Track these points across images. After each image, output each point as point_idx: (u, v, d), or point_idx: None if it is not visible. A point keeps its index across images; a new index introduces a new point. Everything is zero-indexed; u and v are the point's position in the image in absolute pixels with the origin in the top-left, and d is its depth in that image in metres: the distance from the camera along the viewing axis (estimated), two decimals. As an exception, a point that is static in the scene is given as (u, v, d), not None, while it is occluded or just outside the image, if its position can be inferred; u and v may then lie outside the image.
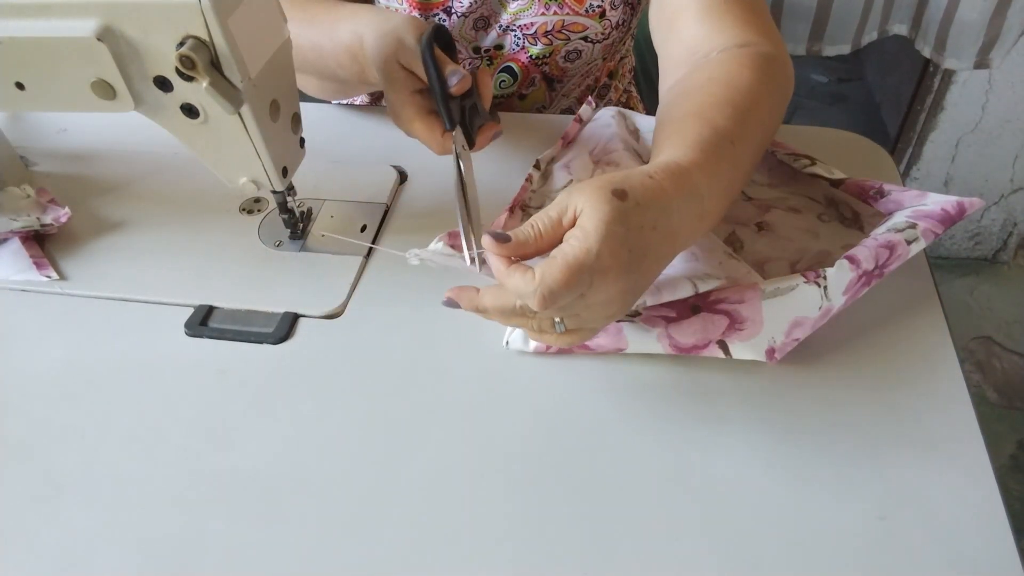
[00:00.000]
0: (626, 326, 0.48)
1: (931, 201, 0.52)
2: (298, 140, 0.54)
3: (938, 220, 0.50)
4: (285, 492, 0.43)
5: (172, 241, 0.60)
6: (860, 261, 0.47)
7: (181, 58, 0.43)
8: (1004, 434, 1.31)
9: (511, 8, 0.70)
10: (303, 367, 0.50)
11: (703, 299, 0.48)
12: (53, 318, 0.55)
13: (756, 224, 0.57)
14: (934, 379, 0.46)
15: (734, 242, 0.55)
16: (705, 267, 0.49)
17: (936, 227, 0.50)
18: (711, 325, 0.47)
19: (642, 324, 0.48)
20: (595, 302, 0.39)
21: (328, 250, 0.58)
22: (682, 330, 0.47)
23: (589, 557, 0.39)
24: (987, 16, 1.11)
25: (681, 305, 0.48)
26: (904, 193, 0.53)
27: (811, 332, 0.47)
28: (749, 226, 0.57)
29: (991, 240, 1.57)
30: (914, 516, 0.40)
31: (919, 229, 0.49)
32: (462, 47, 0.73)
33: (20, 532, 0.42)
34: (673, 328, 0.47)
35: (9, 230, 0.59)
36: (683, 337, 0.47)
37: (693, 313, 0.48)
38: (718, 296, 0.47)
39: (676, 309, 0.48)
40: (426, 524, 0.41)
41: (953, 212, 0.50)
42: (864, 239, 0.50)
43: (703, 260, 0.50)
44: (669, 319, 0.48)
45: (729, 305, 0.47)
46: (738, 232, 0.56)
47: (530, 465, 0.44)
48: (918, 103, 1.42)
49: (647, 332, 0.48)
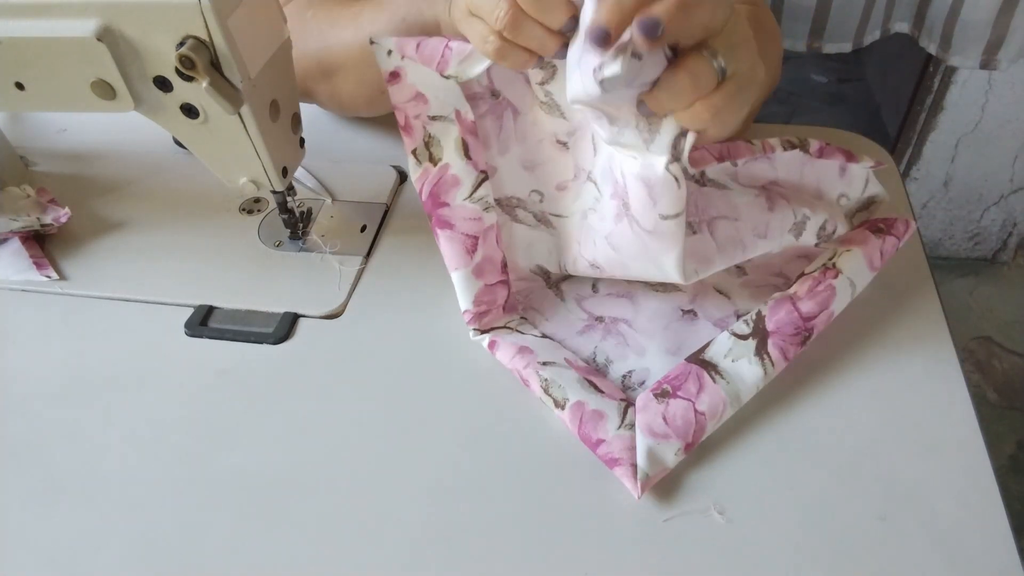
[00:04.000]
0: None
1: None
2: (298, 140, 0.54)
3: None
4: (285, 492, 0.43)
5: (172, 241, 0.60)
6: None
7: (181, 58, 0.43)
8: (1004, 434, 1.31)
9: None
10: (303, 367, 0.50)
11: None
12: (53, 318, 0.55)
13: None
14: (934, 379, 0.46)
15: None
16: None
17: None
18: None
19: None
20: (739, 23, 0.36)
21: (328, 250, 0.58)
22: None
23: (591, 557, 0.39)
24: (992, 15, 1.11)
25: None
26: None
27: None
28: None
29: (991, 240, 1.57)
30: (914, 516, 0.40)
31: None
32: None
33: (20, 532, 0.42)
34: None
35: (9, 230, 0.59)
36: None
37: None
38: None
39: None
40: (426, 524, 0.41)
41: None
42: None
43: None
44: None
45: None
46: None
47: (531, 465, 0.44)
48: (918, 103, 1.42)
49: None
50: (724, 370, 0.45)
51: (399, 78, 0.48)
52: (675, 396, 0.44)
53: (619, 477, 0.42)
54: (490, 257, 0.50)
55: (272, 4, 0.47)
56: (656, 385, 0.45)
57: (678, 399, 0.44)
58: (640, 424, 0.43)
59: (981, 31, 1.14)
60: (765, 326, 0.47)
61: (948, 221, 1.55)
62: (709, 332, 0.49)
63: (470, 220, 0.50)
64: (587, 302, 0.52)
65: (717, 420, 0.44)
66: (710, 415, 0.43)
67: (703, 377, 0.45)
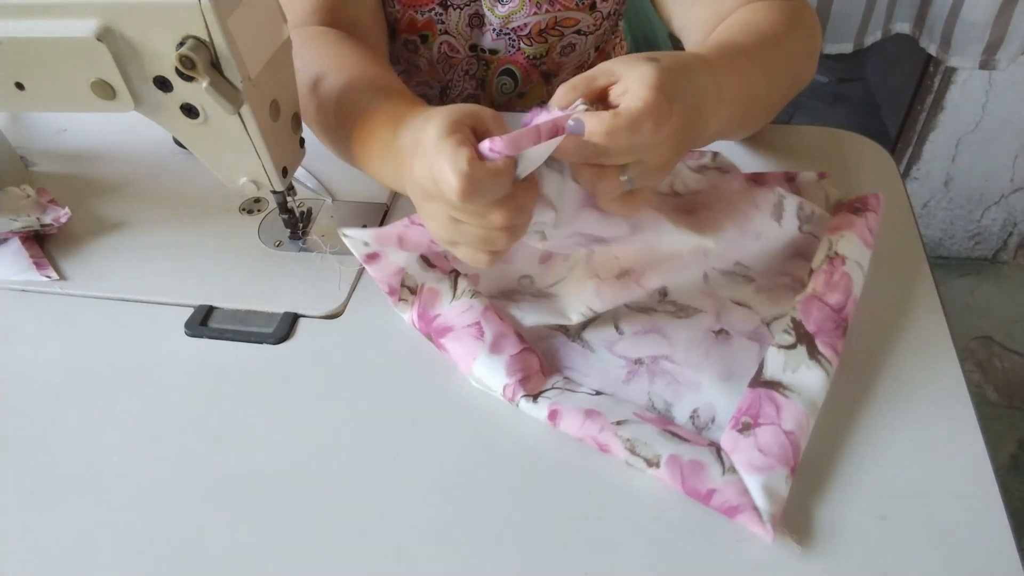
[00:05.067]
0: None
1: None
2: (298, 140, 0.54)
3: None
4: (285, 491, 0.43)
5: (172, 241, 0.60)
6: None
7: (181, 58, 0.43)
8: (1004, 434, 1.31)
9: (500, 11, 0.69)
10: (303, 367, 0.50)
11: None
12: (53, 318, 0.55)
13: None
14: (934, 379, 0.46)
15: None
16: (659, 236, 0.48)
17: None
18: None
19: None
20: (659, 143, 0.39)
21: (328, 250, 0.58)
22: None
23: (589, 560, 0.39)
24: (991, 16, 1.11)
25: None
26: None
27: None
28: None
29: (991, 240, 1.57)
30: (914, 516, 0.40)
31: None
32: (459, 45, 0.73)
33: (20, 532, 0.42)
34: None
35: (9, 230, 0.59)
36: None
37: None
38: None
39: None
40: (426, 524, 0.41)
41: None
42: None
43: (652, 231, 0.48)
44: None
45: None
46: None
47: (531, 465, 0.44)
48: (918, 103, 1.42)
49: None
50: (790, 384, 0.44)
51: (379, 258, 0.51)
52: (758, 425, 0.43)
53: (745, 524, 0.40)
54: (501, 332, 0.49)
55: (272, 4, 0.47)
56: (734, 421, 0.44)
57: (763, 426, 0.43)
58: (740, 464, 0.42)
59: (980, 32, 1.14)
60: (807, 330, 0.47)
61: (948, 221, 1.55)
62: (748, 347, 0.49)
63: (464, 313, 0.50)
64: (617, 346, 0.50)
65: (805, 435, 0.43)
66: (799, 431, 0.42)
67: (776, 398, 0.44)
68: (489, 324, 0.49)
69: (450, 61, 0.74)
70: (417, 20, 0.70)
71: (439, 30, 0.71)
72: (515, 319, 0.51)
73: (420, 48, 0.73)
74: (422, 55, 0.74)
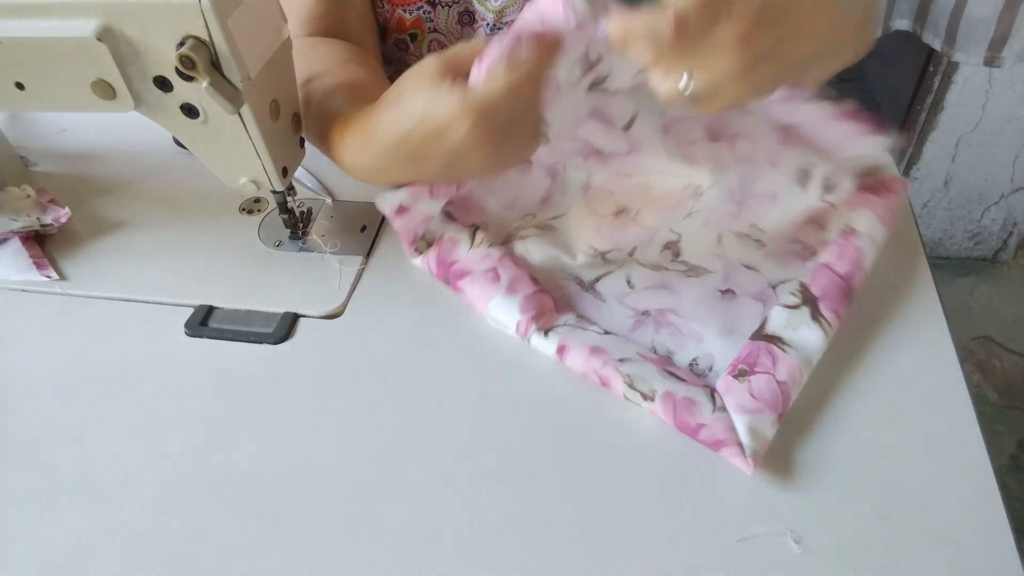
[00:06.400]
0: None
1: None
2: (298, 140, 0.54)
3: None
4: (285, 492, 0.43)
5: (172, 241, 0.60)
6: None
7: (181, 58, 0.43)
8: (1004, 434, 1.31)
9: (493, 6, 0.69)
10: (303, 367, 0.50)
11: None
12: (53, 318, 0.55)
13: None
14: (934, 379, 0.46)
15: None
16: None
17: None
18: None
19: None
20: (729, 42, 0.34)
21: (328, 250, 0.58)
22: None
23: (593, 558, 0.39)
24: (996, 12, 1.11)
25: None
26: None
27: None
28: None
29: (991, 240, 1.57)
30: (914, 516, 0.40)
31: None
32: (450, 44, 0.72)
33: (20, 532, 0.42)
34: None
35: (9, 230, 0.59)
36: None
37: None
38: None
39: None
40: (426, 524, 0.41)
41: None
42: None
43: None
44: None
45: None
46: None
47: (532, 465, 0.44)
48: (918, 103, 1.42)
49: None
50: (789, 340, 0.47)
51: (407, 211, 0.52)
52: (754, 373, 0.45)
53: (728, 458, 0.42)
54: (516, 276, 0.52)
55: (272, 4, 0.47)
56: (731, 367, 0.46)
57: (758, 375, 0.45)
58: (731, 404, 0.44)
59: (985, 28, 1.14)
60: (812, 293, 0.49)
61: (948, 221, 1.55)
62: (752, 306, 0.51)
63: (482, 260, 0.53)
64: (628, 298, 0.53)
65: (797, 386, 0.45)
66: (791, 382, 0.45)
67: (773, 351, 0.46)
68: (505, 269, 0.52)
69: None
70: (405, 19, 0.70)
71: (428, 28, 0.71)
72: (525, 259, 0.54)
73: (410, 47, 0.73)
74: (412, 54, 0.74)
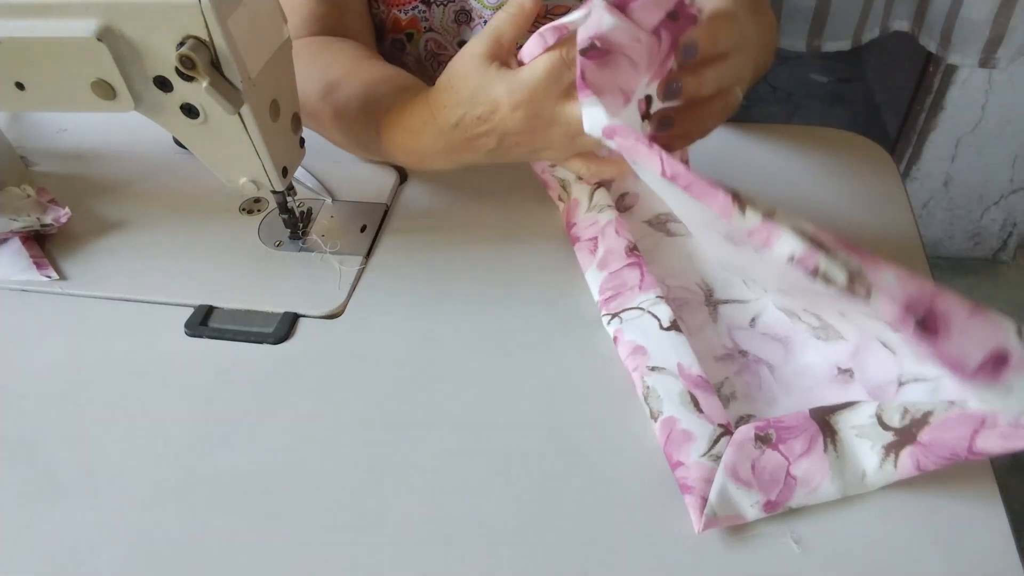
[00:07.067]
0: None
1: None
2: (298, 140, 0.54)
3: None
4: (285, 492, 0.43)
5: (172, 241, 0.60)
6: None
7: (181, 58, 0.43)
8: (1004, 434, 1.31)
9: (490, 2, 0.69)
10: (303, 367, 0.50)
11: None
12: (53, 318, 0.55)
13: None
14: (934, 379, 0.46)
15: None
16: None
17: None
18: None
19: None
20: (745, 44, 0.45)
21: (328, 250, 0.58)
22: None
23: (590, 559, 0.39)
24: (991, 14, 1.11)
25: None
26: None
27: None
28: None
29: (991, 240, 1.57)
30: (914, 516, 0.40)
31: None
32: (446, 42, 0.72)
33: (20, 532, 0.42)
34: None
35: (9, 230, 0.59)
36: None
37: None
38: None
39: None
40: (426, 524, 0.41)
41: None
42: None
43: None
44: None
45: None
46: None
47: (532, 465, 0.44)
48: (918, 103, 1.42)
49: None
50: (842, 441, 0.40)
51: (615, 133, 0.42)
52: (775, 447, 0.40)
53: (687, 505, 0.40)
54: (611, 248, 0.53)
55: (272, 4, 0.47)
56: (763, 424, 0.40)
57: (776, 452, 0.40)
58: (726, 460, 0.40)
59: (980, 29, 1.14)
60: (917, 433, 0.39)
61: (948, 221, 1.55)
62: (860, 398, 0.43)
63: (589, 227, 0.56)
64: (739, 333, 0.49)
65: (810, 492, 0.39)
66: (802, 482, 0.39)
67: (816, 441, 0.40)
68: (605, 239, 0.54)
69: (438, 59, 0.74)
70: (401, 19, 0.70)
71: (423, 27, 0.71)
72: (668, 256, 0.55)
73: (407, 47, 0.73)
74: (409, 54, 0.74)
